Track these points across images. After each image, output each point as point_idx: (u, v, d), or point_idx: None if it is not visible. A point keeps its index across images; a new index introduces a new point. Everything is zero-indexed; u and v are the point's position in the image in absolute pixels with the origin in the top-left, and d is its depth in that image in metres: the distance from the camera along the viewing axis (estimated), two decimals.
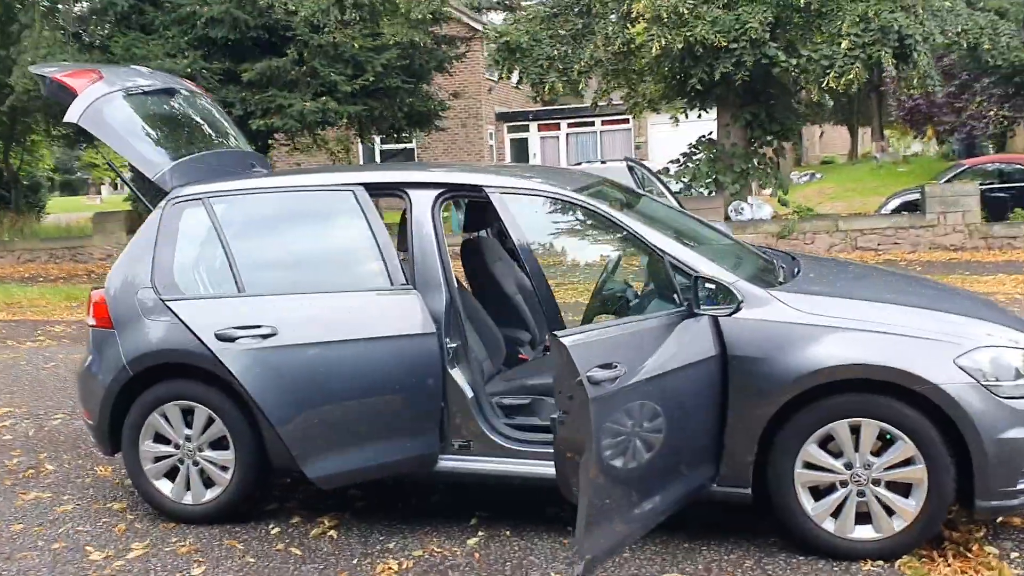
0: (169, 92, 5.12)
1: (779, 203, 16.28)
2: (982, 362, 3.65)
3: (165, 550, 4.22)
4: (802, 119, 17.93)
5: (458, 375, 4.12)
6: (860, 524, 3.79)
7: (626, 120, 30.45)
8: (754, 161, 15.63)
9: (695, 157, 16.06)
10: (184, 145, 4.90)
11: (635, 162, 5.73)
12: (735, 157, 15.38)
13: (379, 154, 28.61)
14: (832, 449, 3.78)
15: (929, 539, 3.81)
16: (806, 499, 3.80)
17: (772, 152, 16.17)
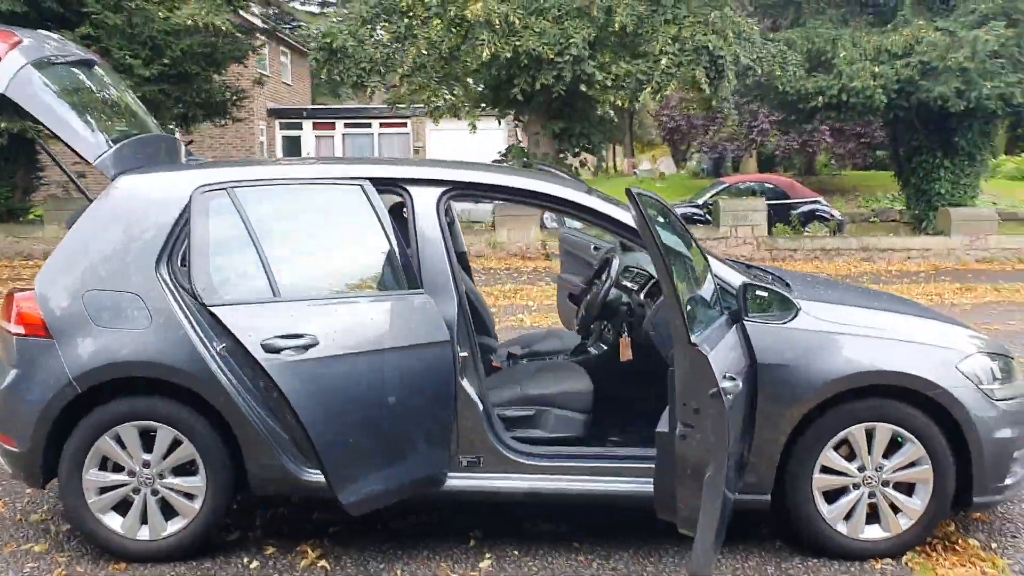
0: (88, 64, 4.43)
1: None
2: (977, 367, 3.93)
3: None
4: (607, 134, 18.75)
5: (468, 386, 3.87)
6: (868, 524, 3.95)
7: (404, 123, 30.39)
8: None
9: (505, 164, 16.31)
10: (117, 126, 4.27)
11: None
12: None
13: None
14: (843, 453, 3.92)
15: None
16: (822, 503, 3.91)
17: (578, 163, 16.75)
